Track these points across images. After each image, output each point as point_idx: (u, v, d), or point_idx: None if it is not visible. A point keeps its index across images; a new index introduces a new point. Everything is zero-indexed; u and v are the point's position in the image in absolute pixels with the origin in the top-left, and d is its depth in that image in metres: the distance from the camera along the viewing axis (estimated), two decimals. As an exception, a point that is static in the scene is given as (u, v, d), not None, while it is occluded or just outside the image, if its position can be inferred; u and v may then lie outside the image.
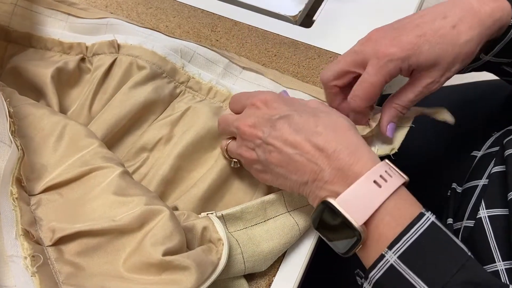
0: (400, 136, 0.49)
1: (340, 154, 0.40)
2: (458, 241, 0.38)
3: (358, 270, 0.46)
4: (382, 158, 0.47)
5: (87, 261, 0.39)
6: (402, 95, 0.47)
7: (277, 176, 0.44)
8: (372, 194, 0.39)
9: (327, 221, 0.40)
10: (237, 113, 0.49)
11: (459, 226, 0.51)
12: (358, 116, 0.49)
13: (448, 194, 0.58)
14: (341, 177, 0.40)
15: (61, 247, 0.39)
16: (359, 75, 0.47)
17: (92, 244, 0.39)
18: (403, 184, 0.40)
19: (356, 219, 0.38)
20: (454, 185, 0.57)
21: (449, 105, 0.50)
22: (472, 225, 0.48)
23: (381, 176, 0.39)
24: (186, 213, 0.44)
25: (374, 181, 0.39)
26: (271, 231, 0.45)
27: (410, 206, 0.40)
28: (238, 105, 0.49)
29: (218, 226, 0.42)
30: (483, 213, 0.47)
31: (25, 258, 0.37)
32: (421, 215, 0.38)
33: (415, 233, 0.37)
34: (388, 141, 0.50)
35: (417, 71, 0.45)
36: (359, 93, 0.46)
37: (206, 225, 0.42)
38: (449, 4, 0.45)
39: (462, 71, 0.52)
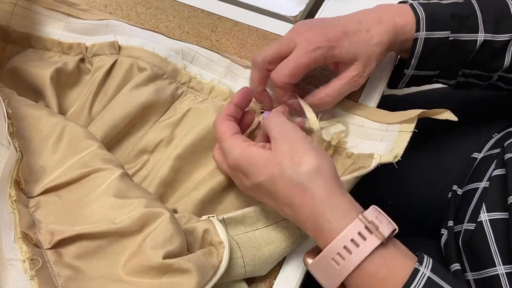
0: (403, 142, 0.49)
1: (305, 225, 0.40)
2: None
3: None
4: (385, 168, 0.48)
5: (87, 264, 0.39)
6: (331, 86, 0.52)
7: (275, 207, 0.44)
8: (332, 272, 0.38)
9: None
10: None
11: (460, 229, 0.51)
12: (279, 92, 0.51)
13: (449, 196, 0.58)
14: (319, 235, 0.39)
15: (60, 250, 0.39)
16: None
17: (92, 247, 0.39)
18: (390, 234, 0.38)
19: (329, 285, 0.38)
20: (454, 187, 0.57)
21: (450, 107, 0.50)
22: (473, 228, 0.48)
23: (359, 233, 0.37)
24: (187, 216, 0.44)
25: (333, 258, 0.38)
26: (272, 235, 0.45)
27: (398, 261, 0.37)
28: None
29: (219, 229, 0.42)
30: (484, 216, 0.47)
31: (24, 261, 0.36)
32: (415, 272, 0.36)
33: None
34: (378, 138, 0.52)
35: (342, 65, 0.52)
36: (285, 70, 0.50)
37: (207, 228, 0.42)
38: (362, 14, 0.53)
39: (398, 86, 0.59)
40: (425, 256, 0.38)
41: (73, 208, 0.41)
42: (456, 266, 0.50)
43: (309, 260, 0.40)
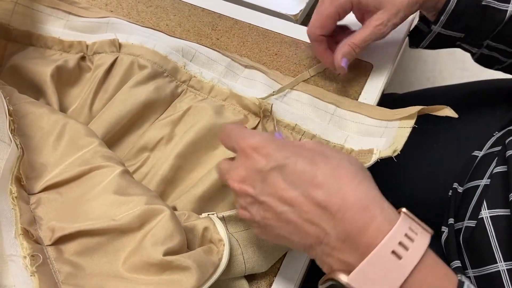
0: (402, 137, 0.49)
1: (346, 213, 0.33)
2: None
3: None
4: (383, 159, 0.47)
5: (87, 260, 0.39)
6: (355, 35, 0.54)
7: (278, 237, 0.38)
8: (392, 269, 0.31)
9: None
10: (230, 150, 0.43)
11: (460, 226, 0.51)
12: (316, 45, 0.56)
13: (450, 194, 0.58)
14: (350, 244, 0.33)
15: (60, 247, 0.39)
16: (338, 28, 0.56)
17: (92, 244, 0.39)
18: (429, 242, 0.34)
19: None
20: (455, 185, 0.57)
21: (451, 104, 0.50)
22: (474, 225, 0.48)
23: (400, 242, 0.32)
24: (187, 213, 0.44)
25: (393, 252, 0.32)
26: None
27: (444, 277, 0.33)
28: (229, 144, 0.41)
29: (219, 226, 0.42)
30: (485, 213, 0.47)
31: (25, 257, 0.36)
32: (460, 285, 0.32)
33: None
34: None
35: (367, 15, 0.53)
36: (315, 23, 0.54)
37: (207, 225, 0.42)
38: None
39: (422, 43, 0.59)
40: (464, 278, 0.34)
41: (74, 205, 0.41)
42: (456, 263, 0.50)
43: (343, 277, 0.33)
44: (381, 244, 0.32)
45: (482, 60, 0.59)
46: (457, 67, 1.43)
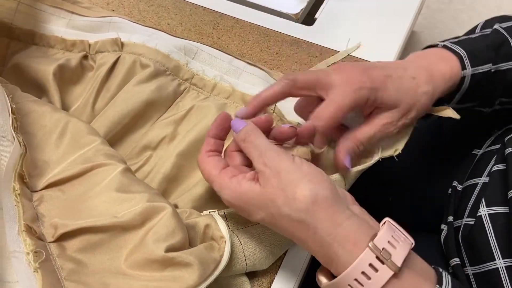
0: (404, 137, 0.49)
1: (317, 254, 0.38)
2: None
3: None
4: (384, 159, 0.48)
5: (89, 257, 0.39)
6: (360, 131, 0.48)
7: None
8: None
9: None
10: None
11: (459, 224, 0.51)
12: (320, 138, 0.46)
13: (449, 192, 0.58)
14: (326, 261, 0.37)
15: (63, 244, 0.39)
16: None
17: (94, 241, 0.39)
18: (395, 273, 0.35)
19: None
20: (455, 183, 0.57)
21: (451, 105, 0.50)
22: (472, 223, 0.48)
23: (371, 265, 0.35)
24: (188, 211, 0.44)
25: (356, 280, 0.35)
26: (273, 229, 0.45)
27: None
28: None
29: (221, 224, 0.42)
30: (483, 211, 0.47)
31: (28, 253, 0.36)
32: None
33: None
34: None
35: (376, 111, 0.47)
36: (326, 113, 0.45)
37: (208, 223, 0.42)
38: (406, 61, 0.50)
39: (430, 116, 0.54)
40: (444, 275, 0.36)
41: (76, 202, 0.42)
42: (456, 261, 0.50)
43: (323, 280, 0.37)
44: (348, 269, 0.35)
45: (494, 115, 0.57)
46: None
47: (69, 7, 0.61)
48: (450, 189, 0.58)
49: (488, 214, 0.47)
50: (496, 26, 0.52)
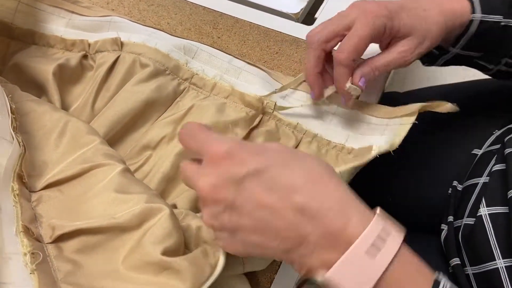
0: (402, 133, 0.49)
1: (326, 214, 0.34)
2: None
3: None
4: (383, 159, 0.47)
5: (87, 259, 0.39)
6: (378, 58, 0.50)
7: (251, 246, 0.36)
8: (366, 268, 0.33)
9: None
10: (191, 150, 0.39)
11: (459, 224, 0.51)
12: (343, 71, 0.49)
13: (449, 192, 0.58)
14: (330, 242, 0.34)
15: (60, 245, 0.39)
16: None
17: (92, 242, 0.39)
18: (403, 241, 0.35)
19: None
20: (455, 183, 0.57)
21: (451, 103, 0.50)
22: (473, 223, 0.48)
23: (373, 244, 0.33)
24: (184, 212, 0.43)
25: (368, 250, 0.33)
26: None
27: (417, 273, 0.34)
28: (192, 147, 0.39)
29: None
30: (484, 211, 0.47)
31: (25, 254, 0.37)
32: (436, 285, 0.33)
33: None
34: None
35: (393, 42, 0.50)
36: (348, 46, 0.48)
37: (199, 225, 0.41)
38: None
39: (437, 62, 0.57)
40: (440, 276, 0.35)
41: (74, 203, 0.42)
42: (456, 261, 0.50)
43: (323, 271, 0.34)
44: (354, 245, 0.33)
45: (498, 76, 0.58)
46: (460, 66, 1.43)
47: (69, 7, 0.61)
48: (450, 189, 0.58)
49: (489, 214, 0.47)
50: None
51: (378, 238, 0.33)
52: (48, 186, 0.43)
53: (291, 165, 0.36)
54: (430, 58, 0.58)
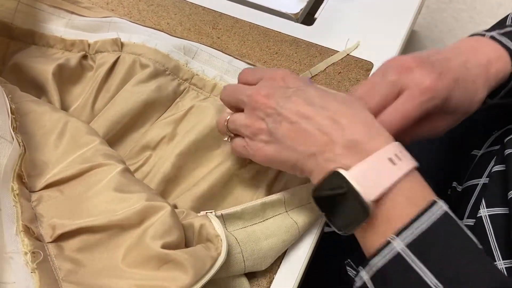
0: None
1: (355, 127, 0.38)
2: (470, 234, 0.36)
3: (348, 260, 0.45)
4: None
5: (88, 257, 0.39)
6: (410, 129, 0.44)
7: (282, 148, 0.42)
8: (386, 170, 0.36)
9: (332, 193, 0.38)
10: (247, 84, 0.48)
11: (459, 225, 0.51)
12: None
13: (449, 193, 0.58)
14: (354, 151, 0.38)
15: (61, 244, 0.39)
16: None
17: (93, 240, 0.39)
18: (415, 168, 0.38)
19: (368, 194, 0.36)
20: (454, 183, 0.57)
21: None
22: (472, 224, 0.48)
23: (395, 155, 0.37)
24: (185, 211, 0.44)
25: (389, 159, 0.37)
26: (270, 229, 0.45)
27: (423, 189, 0.38)
28: (252, 77, 0.48)
29: (215, 223, 0.42)
30: (484, 212, 0.47)
31: (26, 254, 0.36)
32: (433, 203, 0.36)
33: (426, 222, 0.35)
34: None
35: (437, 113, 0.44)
36: (392, 124, 0.41)
37: (203, 222, 0.42)
38: (467, 54, 0.45)
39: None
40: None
41: (75, 202, 0.41)
42: (455, 262, 0.50)
43: (343, 171, 0.37)
44: (380, 150, 0.37)
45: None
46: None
47: (68, 7, 0.61)
48: (450, 189, 0.58)
49: (489, 215, 0.46)
50: None
51: (399, 152, 0.37)
52: (48, 186, 0.43)
53: (328, 93, 0.42)
54: None
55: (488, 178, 0.50)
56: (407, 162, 0.37)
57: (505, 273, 0.43)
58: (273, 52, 0.62)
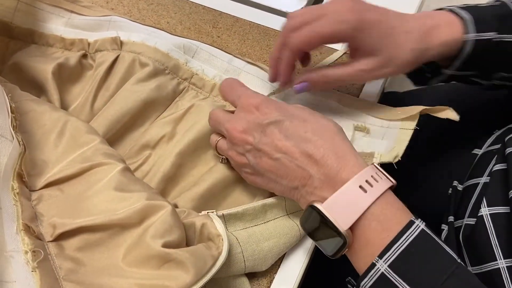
0: (404, 141, 0.49)
1: (328, 160, 0.40)
2: (447, 249, 0.38)
3: (349, 278, 0.46)
4: (383, 164, 0.47)
5: (88, 256, 0.39)
6: (332, 69, 0.49)
7: (267, 180, 0.44)
8: (357, 199, 0.39)
9: (314, 225, 0.41)
10: (228, 101, 0.50)
11: (460, 224, 0.51)
12: (287, 55, 0.49)
13: (449, 192, 0.58)
14: (329, 183, 0.40)
15: (61, 243, 0.39)
16: None
17: (93, 239, 0.39)
18: (390, 188, 0.41)
19: (341, 224, 0.39)
20: (455, 183, 0.57)
21: (451, 103, 0.50)
22: (474, 223, 0.48)
23: (367, 181, 0.39)
24: (186, 211, 0.44)
25: (360, 186, 0.39)
26: (271, 230, 0.45)
27: (397, 211, 0.40)
28: (229, 97, 0.49)
29: (217, 222, 0.42)
30: (485, 210, 0.47)
31: (26, 252, 0.36)
32: (411, 223, 0.38)
33: (405, 241, 0.37)
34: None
35: (357, 54, 0.48)
36: (302, 35, 0.47)
37: (204, 221, 0.42)
38: (413, 16, 0.49)
39: (429, 83, 0.55)
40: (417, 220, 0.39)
41: (75, 201, 0.41)
42: (456, 261, 0.50)
43: (319, 204, 0.40)
44: (352, 179, 0.39)
45: (492, 89, 0.57)
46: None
47: (68, 6, 0.60)
48: (451, 189, 0.57)
49: (490, 214, 0.46)
50: (506, 0, 0.51)
51: (371, 178, 0.40)
52: (48, 185, 0.43)
53: (308, 120, 0.43)
54: (421, 79, 0.56)
55: (489, 177, 0.50)
56: (379, 187, 0.40)
57: (507, 272, 0.43)
58: (273, 51, 0.61)
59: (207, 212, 0.44)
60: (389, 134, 0.51)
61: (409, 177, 0.64)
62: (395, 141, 0.50)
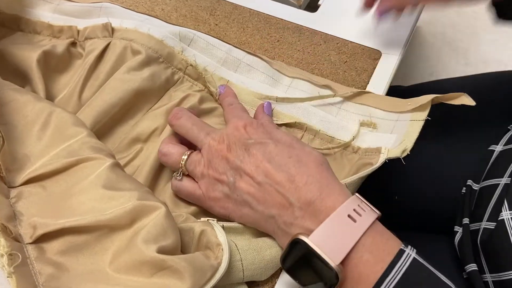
0: (414, 134, 0.46)
1: (311, 186, 0.39)
2: (442, 277, 0.36)
3: None
4: (391, 160, 0.45)
5: (72, 261, 0.36)
6: None
7: (242, 205, 0.42)
8: (347, 229, 0.37)
9: (300, 261, 0.38)
10: (180, 134, 0.47)
11: (477, 227, 0.49)
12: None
13: (463, 192, 0.55)
14: (312, 212, 0.38)
15: (42, 245, 0.37)
16: None
17: (78, 242, 0.37)
18: (377, 218, 0.39)
19: (333, 258, 0.36)
20: (469, 182, 0.55)
21: None
22: (493, 227, 0.46)
23: (354, 210, 0.38)
24: (184, 215, 0.42)
25: (349, 215, 0.37)
26: (273, 239, 0.43)
27: (388, 241, 0.38)
28: (191, 134, 0.46)
29: (218, 231, 0.40)
30: (506, 214, 0.44)
31: (2, 256, 0.34)
32: (401, 252, 0.36)
33: (398, 273, 0.35)
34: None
35: None
36: None
37: (204, 228, 0.40)
38: None
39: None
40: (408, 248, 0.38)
41: (59, 199, 0.39)
42: (472, 267, 0.48)
43: (304, 237, 0.37)
44: (338, 208, 0.37)
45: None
46: (460, 62, 1.43)
47: (57, -9, 0.58)
48: (464, 188, 0.55)
49: (511, 218, 0.44)
50: None
51: (358, 207, 0.38)
52: (29, 181, 0.40)
53: (294, 146, 0.43)
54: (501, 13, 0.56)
55: (510, 178, 0.48)
56: (367, 216, 0.38)
57: None
58: (275, 39, 0.59)
59: (207, 219, 0.42)
60: (398, 127, 0.49)
61: (418, 174, 0.62)
62: (404, 134, 0.47)
